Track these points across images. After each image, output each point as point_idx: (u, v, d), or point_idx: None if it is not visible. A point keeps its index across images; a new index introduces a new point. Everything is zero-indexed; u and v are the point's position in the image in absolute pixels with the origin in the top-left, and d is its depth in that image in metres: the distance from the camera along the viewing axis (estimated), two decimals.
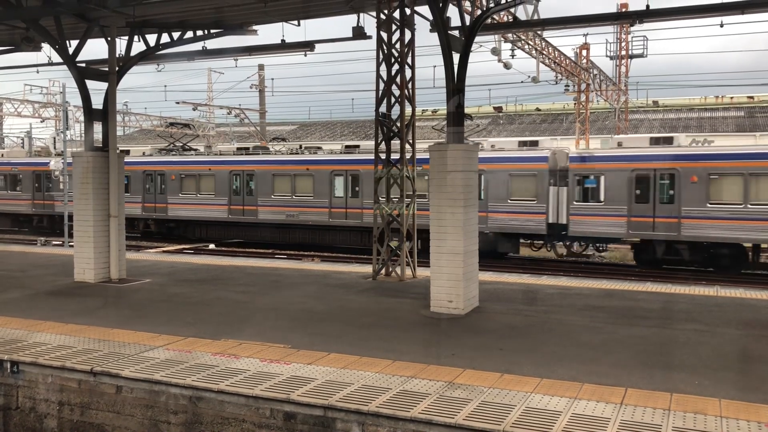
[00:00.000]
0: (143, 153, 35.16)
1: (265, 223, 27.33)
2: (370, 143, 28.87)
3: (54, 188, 32.81)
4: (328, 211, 25.84)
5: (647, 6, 12.80)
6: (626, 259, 25.91)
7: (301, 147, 29.77)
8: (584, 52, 31.93)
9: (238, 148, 31.15)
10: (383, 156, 14.61)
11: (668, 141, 21.62)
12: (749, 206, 19.38)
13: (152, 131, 57.99)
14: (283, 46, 15.99)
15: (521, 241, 24.19)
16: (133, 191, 29.89)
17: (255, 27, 15.61)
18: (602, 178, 21.34)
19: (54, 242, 28.71)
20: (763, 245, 21.19)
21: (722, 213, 19.71)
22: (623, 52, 34.89)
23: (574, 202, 21.91)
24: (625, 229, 21.09)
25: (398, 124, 14.38)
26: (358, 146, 27.30)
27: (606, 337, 9.51)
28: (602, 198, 21.31)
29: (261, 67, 47.07)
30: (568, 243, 23.64)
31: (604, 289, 13.45)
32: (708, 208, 19.90)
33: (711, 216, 19.86)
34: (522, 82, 30.03)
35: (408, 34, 14.17)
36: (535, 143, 23.91)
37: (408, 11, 14.05)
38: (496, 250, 23.34)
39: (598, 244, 23.16)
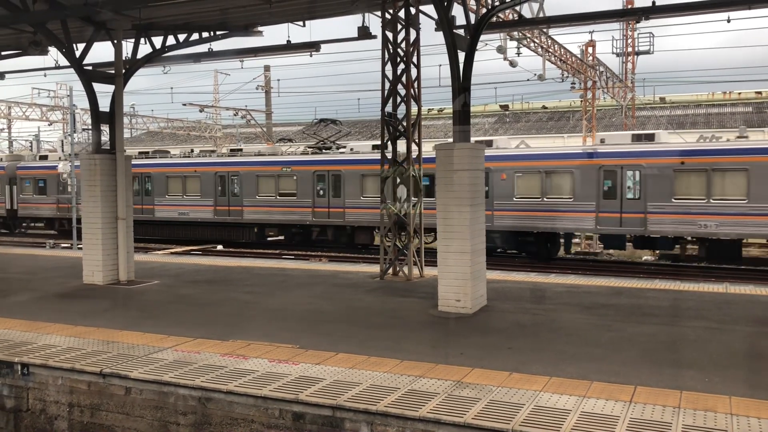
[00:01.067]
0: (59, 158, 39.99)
1: (161, 220, 30.38)
2: (252, 147, 31.51)
3: None
4: (213, 209, 28.88)
5: (653, 2, 12.74)
6: (633, 257, 25.84)
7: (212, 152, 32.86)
8: (590, 50, 31.79)
9: (139, 152, 34.00)
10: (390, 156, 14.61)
11: (488, 144, 24.79)
12: (545, 200, 22.82)
13: (159, 133, 58.19)
14: (289, 47, 16.02)
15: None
16: (50, 193, 34.04)
17: (260, 28, 15.64)
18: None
19: (63, 245, 28.85)
20: (578, 233, 25.75)
21: (525, 206, 23.03)
22: (629, 49, 34.71)
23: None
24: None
25: (404, 124, 14.38)
26: (240, 149, 30.47)
27: (615, 335, 9.48)
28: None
29: (267, 68, 47.16)
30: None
31: (613, 287, 13.40)
32: (514, 202, 23.17)
33: (516, 208, 23.21)
34: (528, 80, 29.88)
35: (413, 34, 14.16)
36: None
37: (413, 10, 14.04)
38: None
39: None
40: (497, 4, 12.50)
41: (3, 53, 18.12)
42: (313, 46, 15.90)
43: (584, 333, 9.61)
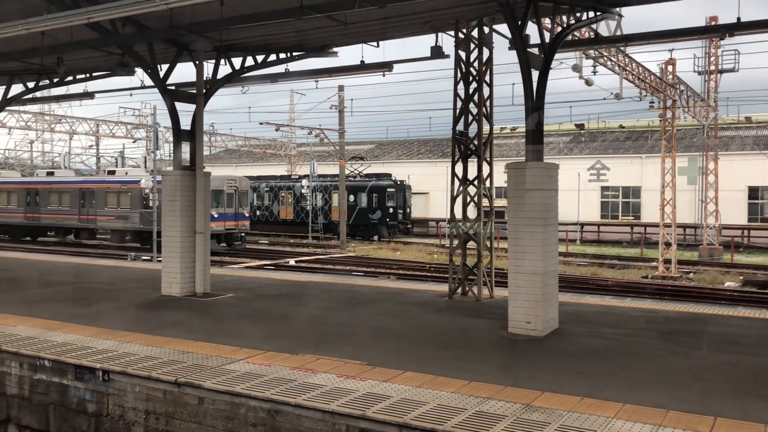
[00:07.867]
0: None
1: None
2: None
3: None
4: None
5: (738, 18, 12.27)
6: (715, 283, 24.76)
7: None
8: (670, 68, 30.86)
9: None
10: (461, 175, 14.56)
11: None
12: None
13: (237, 151, 59.90)
14: (363, 67, 16.24)
15: None
16: None
17: (335, 49, 15.94)
18: None
19: (143, 257, 30.02)
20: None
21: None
22: (712, 67, 33.48)
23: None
24: None
25: (475, 142, 14.33)
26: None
27: (693, 362, 9.09)
28: None
29: (341, 88, 47.88)
30: None
31: (692, 312, 12.88)
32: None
33: None
34: (604, 98, 29.20)
35: (486, 53, 14.13)
36: None
37: (486, 30, 14.02)
38: None
39: None
40: (572, 22, 12.34)
41: (93, 74, 19.13)
42: (386, 66, 16.06)
43: (660, 359, 9.26)
